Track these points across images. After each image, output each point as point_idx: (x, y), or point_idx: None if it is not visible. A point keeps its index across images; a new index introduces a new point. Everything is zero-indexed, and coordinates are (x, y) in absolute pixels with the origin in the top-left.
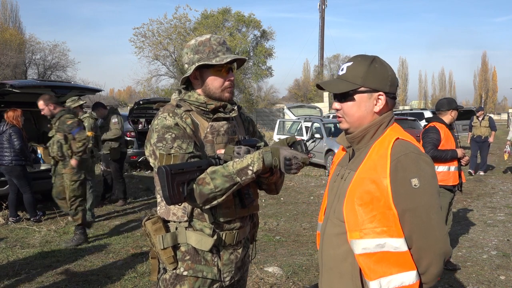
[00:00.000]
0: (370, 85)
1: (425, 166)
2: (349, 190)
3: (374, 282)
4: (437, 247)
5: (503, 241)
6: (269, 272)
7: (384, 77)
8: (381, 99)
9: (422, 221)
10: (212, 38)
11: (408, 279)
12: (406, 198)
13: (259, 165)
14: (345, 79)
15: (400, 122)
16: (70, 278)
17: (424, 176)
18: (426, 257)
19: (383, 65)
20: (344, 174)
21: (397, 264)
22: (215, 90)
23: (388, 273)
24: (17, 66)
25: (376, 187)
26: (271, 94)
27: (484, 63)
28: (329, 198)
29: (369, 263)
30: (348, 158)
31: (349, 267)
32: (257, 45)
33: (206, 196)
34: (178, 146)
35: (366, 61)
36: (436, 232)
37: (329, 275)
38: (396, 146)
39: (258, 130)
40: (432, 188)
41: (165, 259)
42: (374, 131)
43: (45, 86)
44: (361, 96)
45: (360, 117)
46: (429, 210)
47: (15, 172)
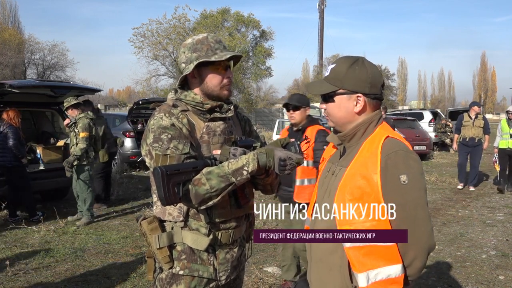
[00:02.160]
0: (348, 87)
1: (413, 163)
2: (340, 186)
3: (362, 274)
4: (423, 241)
5: (502, 241)
6: (268, 272)
7: (363, 79)
8: (360, 101)
9: (409, 216)
10: (209, 36)
11: (395, 271)
12: (395, 194)
13: (254, 166)
14: (327, 81)
15: (399, 122)
16: (69, 278)
17: (412, 173)
18: (411, 250)
19: (363, 67)
20: (335, 171)
21: (385, 257)
22: (214, 87)
23: (376, 266)
24: (16, 66)
25: (367, 182)
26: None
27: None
28: (319, 193)
29: (358, 256)
30: (339, 155)
31: (338, 260)
32: (256, 45)
33: (201, 197)
34: (174, 146)
35: (347, 63)
36: (422, 227)
37: (318, 267)
38: (386, 144)
39: (255, 130)
40: (419, 184)
41: (161, 258)
42: (364, 130)
43: (44, 86)
44: (340, 97)
45: (341, 117)
46: (416, 205)
47: (14, 172)
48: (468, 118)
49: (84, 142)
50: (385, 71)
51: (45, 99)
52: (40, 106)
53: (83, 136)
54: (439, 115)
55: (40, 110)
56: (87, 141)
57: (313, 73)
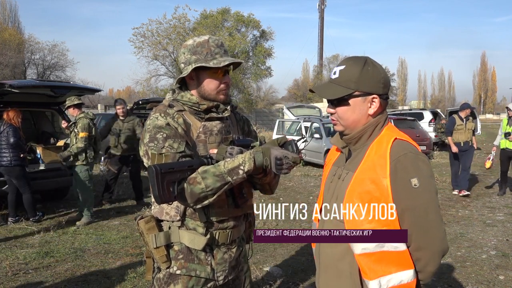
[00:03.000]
0: (364, 89)
1: (423, 166)
2: (348, 190)
3: (374, 281)
4: (436, 245)
5: (502, 241)
6: (268, 272)
7: (377, 80)
8: (375, 102)
9: (421, 219)
10: (211, 40)
11: (407, 277)
12: (406, 198)
13: (250, 165)
14: (338, 84)
15: (399, 122)
16: (69, 278)
17: (423, 176)
18: (424, 255)
19: (375, 67)
20: (341, 175)
21: (396, 263)
22: (210, 91)
23: (387, 272)
24: (16, 66)
25: (376, 187)
26: (270, 94)
27: (483, 63)
28: (326, 198)
29: (369, 263)
30: (345, 158)
31: (347, 266)
32: (256, 45)
33: (197, 196)
34: (169, 145)
35: (358, 64)
36: (434, 231)
37: (326, 274)
38: (394, 146)
39: (254, 130)
40: (430, 187)
41: (158, 258)
42: (370, 132)
43: (44, 86)
44: (355, 100)
45: (355, 120)
46: (428, 209)
47: (14, 172)
48: (461, 122)
49: (83, 142)
50: None
51: (45, 99)
52: (40, 106)
53: (82, 136)
54: (439, 115)
55: (40, 110)
56: (86, 141)
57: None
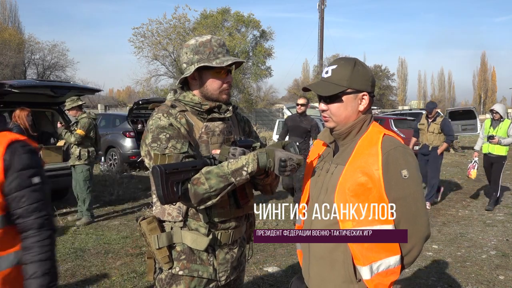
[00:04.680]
0: (355, 87)
1: (411, 158)
2: (340, 183)
3: (366, 267)
4: (422, 231)
5: (502, 241)
6: (268, 272)
7: (367, 78)
8: (365, 99)
9: (410, 208)
10: (213, 40)
11: (394, 262)
12: (397, 188)
13: (253, 166)
14: (331, 82)
15: (399, 122)
16: (69, 278)
17: (411, 168)
18: (411, 240)
19: (364, 67)
20: (329, 169)
21: (386, 249)
22: (213, 91)
23: (378, 258)
24: (16, 66)
25: (368, 179)
26: (270, 94)
27: (483, 63)
28: (313, 192)
29: (362, 250)
30: (332, 153)
31: (341, 255)
32: (256, 45)
33: (200, 196)
34: (172, 146)
35: (350, 64)
36: (422, 218)
37: (319, 264)
38: (385, 141)
39: (255, 130)
40: (418, 178)
41: (160, 258)
42: (359, 128)
43: (44, 86)
44: (347, 97)
45: (346, 116)
46: (416, 198)
47: None
48: (424, 121)
49: (76, 138)
50: (385, 71)
51: (45, 99)
52: (40, 106)
53: (78, 132)
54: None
55: (40, 110)
56: (80, 139)
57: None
